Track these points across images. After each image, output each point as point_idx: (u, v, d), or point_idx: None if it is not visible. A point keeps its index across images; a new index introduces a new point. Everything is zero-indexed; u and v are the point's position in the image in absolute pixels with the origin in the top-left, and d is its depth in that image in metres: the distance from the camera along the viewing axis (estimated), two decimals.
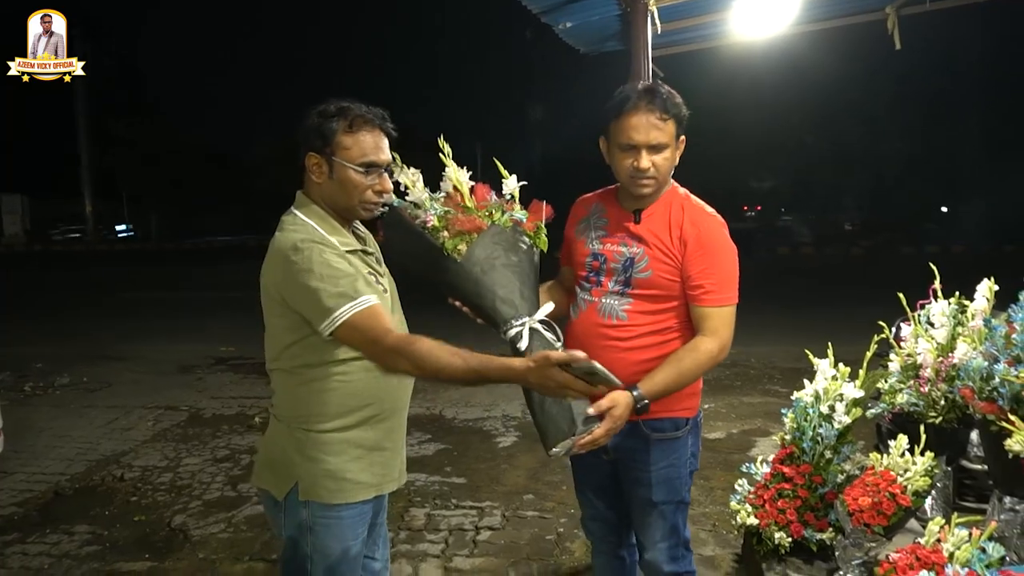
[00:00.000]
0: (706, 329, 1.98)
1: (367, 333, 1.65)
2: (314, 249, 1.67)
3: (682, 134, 1.99)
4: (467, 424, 5.47)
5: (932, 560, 1.94)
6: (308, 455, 1.77)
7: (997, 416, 2.26)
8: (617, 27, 5.08)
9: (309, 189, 1.82)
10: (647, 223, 2.04)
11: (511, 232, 1.94)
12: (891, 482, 2.31)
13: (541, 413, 1.84)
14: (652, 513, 2.09)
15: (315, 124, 1.74)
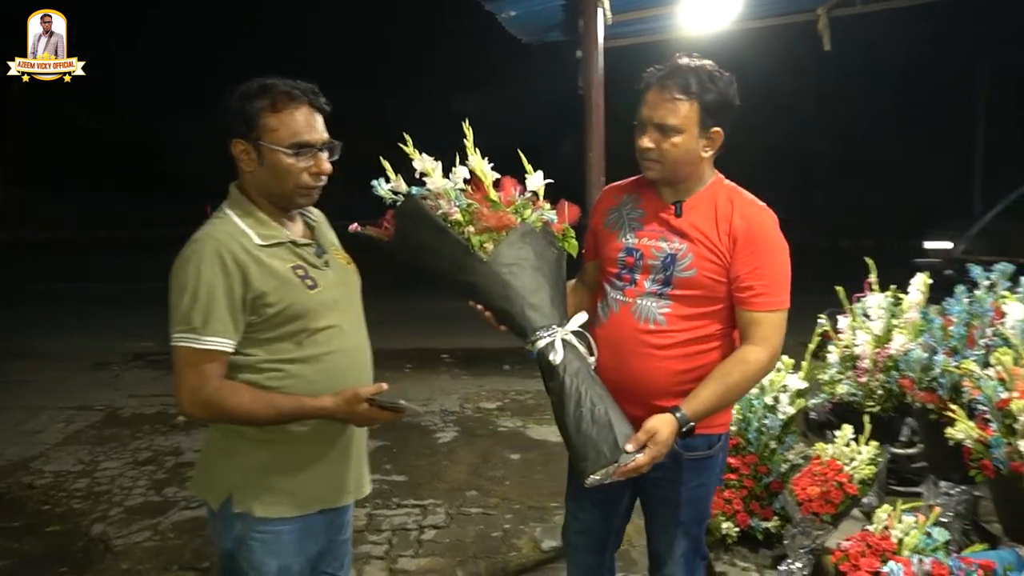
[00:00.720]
0: (755, 336, 1.75)
1: (182, 372, 1.54)
2: (203, 257, 1.54)
3: (716, 125, 1.76)
4: (405, 420, 5.33)
5: (883, 547, 1.99)
6: (243, 463, 1.64)
7: (937, 405, 2.35)
8: (560, 17, 5.03)
9: (242, 180, 1.67)
10: (690, 216, 1.82)
11: (541, 233, 1.78)
12: (838, 471, 2.37)
13: (577, 434, 1.65)
14: (676, 531, 1.94)
15: (237, 107, 1.58)
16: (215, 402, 1.55)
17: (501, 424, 5.20)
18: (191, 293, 1.52)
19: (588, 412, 1.64)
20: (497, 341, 7.79)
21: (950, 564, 1.51)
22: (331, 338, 1.66)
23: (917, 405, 2.42)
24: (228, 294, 1.54)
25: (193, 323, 1.52)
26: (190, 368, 1.54)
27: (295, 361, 1.62)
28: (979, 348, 2.24)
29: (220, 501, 1.66)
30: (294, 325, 1.61)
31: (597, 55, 3.12)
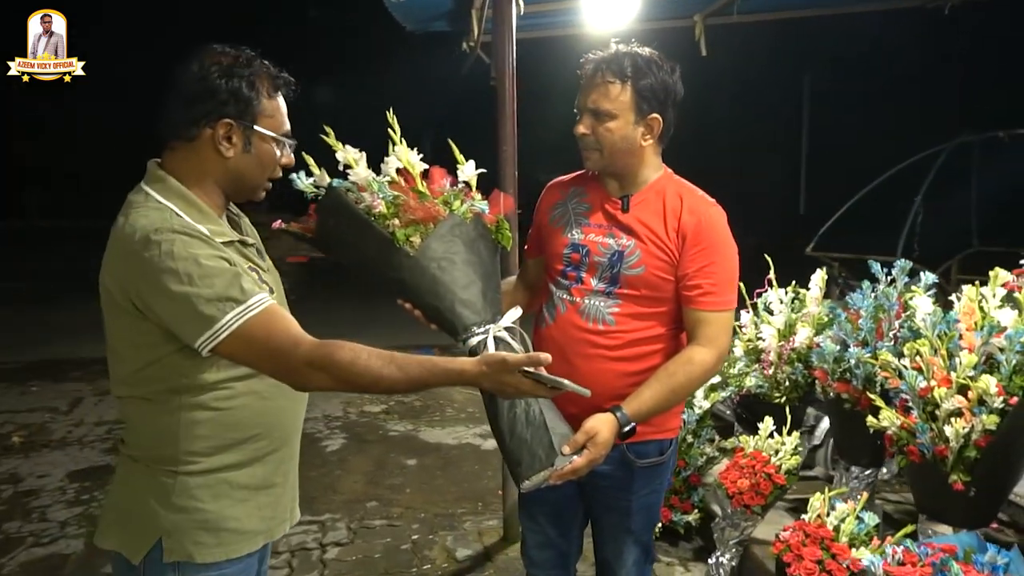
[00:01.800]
0: (702, 336, 1.70)
1: (268, 343, 1.29)
2: (175, 241, 1.28)
3: (654, 111, 1.70)
4: None
5: (820, 535, 2.06)
6: (176, 504, 1.37)
7: (851, 395, 2.48)
8: (448, 6, 4.89)
9: (189, 165, 1.39)
10: (637, 211, 1.75)
11: (472, 225, 1.64)
12: (765, 463, 2.44)
13: (511, 438, 1.55)
14: (627, 539, 1.87)
15: (234, 85, 1.35)
16: (326, 360, 1.28)
17: (391, 428, 4.98)
18: (200, 277, 1.26)
19: (522, 414, 1.56)
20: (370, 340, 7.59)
21: (918, 552, 1.57)
22: None
23: (831, 395, 2.55)
24: (230, 264, 1.31)
25: (230, 296, 1.27)
26: (261, 341, 1.28)
27: (245, 377, 1.38)
28: (888, 340, 2.39)
29: (145, 551, 1.37)
30: None
31: (510, 46, 3.01)
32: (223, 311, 1.27)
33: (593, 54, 1.74)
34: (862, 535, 2.04)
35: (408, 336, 7.45)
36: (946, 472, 1.95)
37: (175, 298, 1.26)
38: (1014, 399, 1.84)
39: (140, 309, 1.31)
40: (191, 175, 1.38)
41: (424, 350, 7.31)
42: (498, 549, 3.23)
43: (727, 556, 2.51)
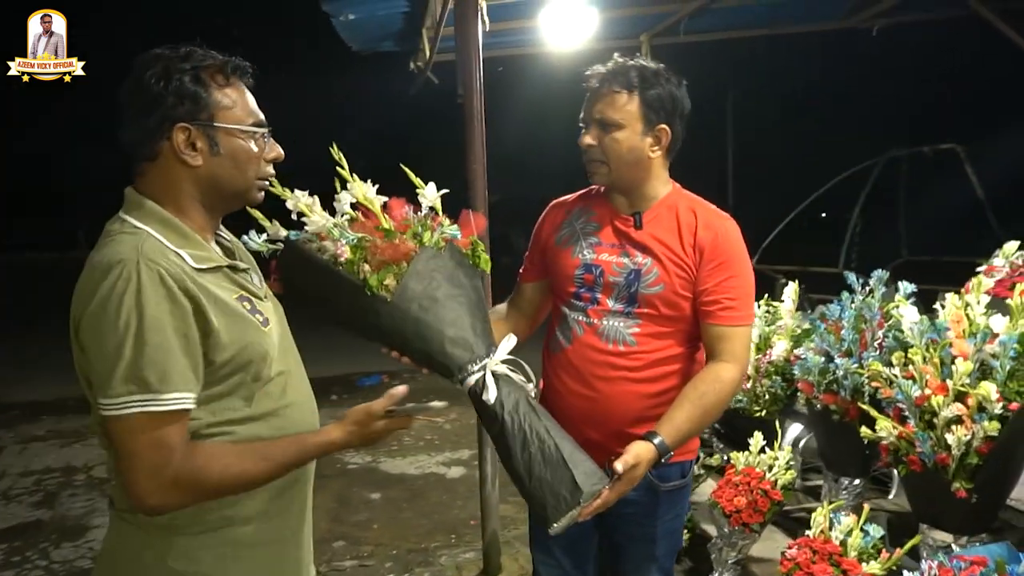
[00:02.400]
0: (725, 352, 1.64)
1: (146, 449, 1.13)
2: (132, 280, 1.11)
3: (661, 122, 1.65)
4: None
5: (828, 551, 2.03)
6: (174, 569, 1.23)
7: (839, 406, 2.49)
8: (399, 26, 4.82)
9: (161, 183, 1.24)
10: (651, 228, 1.70)
11: (448, 253, 1.52)
12: (760, 479, 2.41)
13: (530, 481, 1.44)
14: (651, 567, 1.81)
15: (176, 84, 1.19)
16: (191, 478, 1.15)
17: (349, 461, 4.77)
18: (135, 336, 1.10)
19: (538, 453, 1.45)
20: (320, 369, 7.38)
21: (951, 566, 1.55)
22: (284, 388, 1.31)
23: (818, 407, 2.55)
24: (183, 332, 1.14)
25: (146, 378, 1.11)
26: (146, 441, 1.12)
27: (245, 421, 1.24)
28: (872, 350, 2.41)
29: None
30: (245, 374, 1.23)
31: (477, 63, 2.95)
32: (125, 387, 1.11)
33: (598, 67, 1.69)
34: (869, 548, 2.03)
35: (361, 364, 7.30)
36: (948, 480, 1.96)
37: (103, 350, 1.12)
38: (1013, 404, 1.87)
39: (80, 345, 1.16)
40: (166, 196, 1.24)
41: (373, 378, 7.10)
42: None
43: (726, 575, 2.46)
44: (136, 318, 1.11)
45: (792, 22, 5.51)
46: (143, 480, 1.13)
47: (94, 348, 1.13)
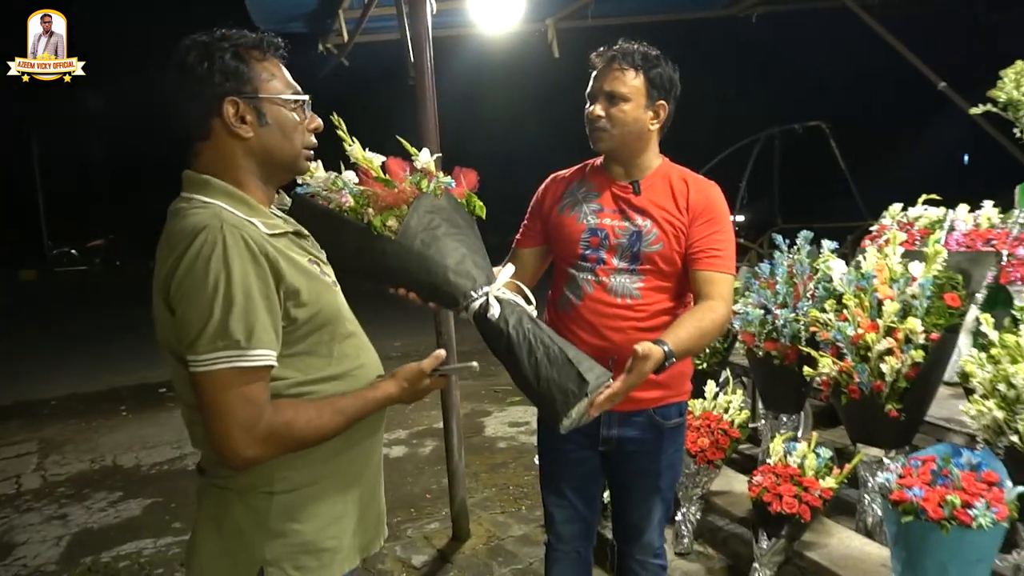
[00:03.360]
0: (714, 293, 1.81)
1: (238, 403, 1.18)
2: (218, 243, 1.17)
3: (662, 98, 1.86)
4: (162, 469, 4.53)
5: (789, 473, 2.36)
6: (275, 529, 1.29)
7: (780, 351, 2.83)
8: (312, 7, 4.75)
9: (219, 159, 1.30)
10: (648, 194, 1.89)
11: (444, 200, 1.66)
12: (718, 421, 2.71)
13: (539, 382, 1.56)
14: (656, 499, 2.00)
15: (222, 61, 1.25)
16: (282, 431, 1.21)
17: None
18: (224, 296, 1.15)
19: (543, 357, 1.58)
20: None
21: (911, 465, 1.88)
22: (357, 348, 1.39)
23: (760, 355, 2.89)
24: (265, 293, 1.20)
25: (234, 335, 1.16)
26: (236, 396, 1.17)
27: (329, 379, 1.32)
28: (805, 300, 2.77)
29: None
30: (324, 332, 1.31)
31: (427, 44, 3.02)
32: (215, 343, 1.16)
33: (604, 48, 1.86)
34: (823, 468, 2.37)
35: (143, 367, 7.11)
36: (882, 404, 2.33)
37: (196, 308, 1.17)
38: (934, 335, 2.26)
39: (171, 308, 1.20)
40: (224, 171, 1.29)
41: None
42: (452, 549, 3.24)
43: (692, 510, 2.76)
44: (224, 279, 1.16)
45: (685, 9, 5.95)
46: (238, 434, 1.18)
47: (184, 309, 1.17)
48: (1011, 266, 2.82)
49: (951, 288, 2.32)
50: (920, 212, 3.43)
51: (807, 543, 2.40)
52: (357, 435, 1.39)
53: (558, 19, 5.55)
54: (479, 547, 3.24)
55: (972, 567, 1.68)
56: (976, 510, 1.63)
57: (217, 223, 1.19)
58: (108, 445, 5.06)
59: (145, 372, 7.02)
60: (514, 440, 4.77)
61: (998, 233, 3.00)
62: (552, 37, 5.62)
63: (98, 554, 3.40)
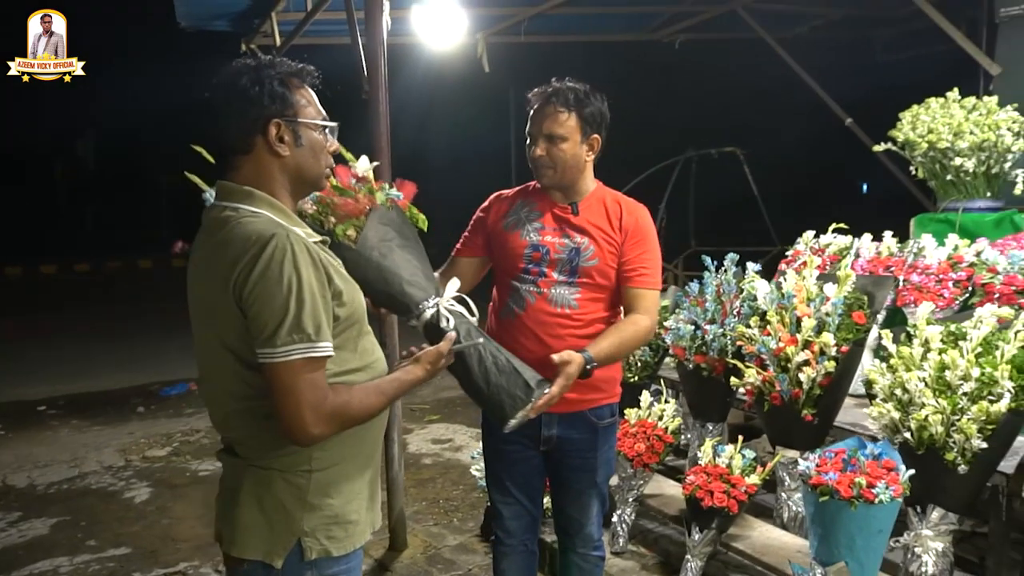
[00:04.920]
0: (642, 308, 2.18)
1: (307, 388, 1.42)
2: (287, 249, 1.40)
3: (594, 132, 2.18)
4: (61, 488, 4.51)
5: (719, 472, 2.79)
6: (312, 503, 1.53)
7: (708, 364, 3.29)
8: (242, 7, 4.92)
9: (258, 173, 1.53)
10: (586, 215, 2.21)
11: (395, 212, 1.92)
12: (653, 428, 3.13)
13: (488, 387, 1.87)
14: (593, 493, 2.31)
15: (270, 85, 1.49)
16: (342, 411, 1.47)
17: (199, 468, 4.81)
18: (296, 295, 1.40)
19: (492, 365, 1.90)
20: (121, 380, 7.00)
21: (825, 456, 2.33)
22: (372, 344, 1.67)
23: (690, 367, 3.33)
24: (323, 294, 1.45)
25: (307, 329, 1.40)
26: (306, 382, 1.41)
27: (355, 371, 1.58)
28: (732, 317, 3.23)
29: (285, 554, 1.51)
30: (353, 329, 1.57)
31: (382, 54, 3.29)
32: (291, 335, 1.39)
33: (539, 89, 2.22)
34: (748, 467, 2.82)
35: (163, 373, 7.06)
36: (799, 409, 2.81)
37: (268, 301, 1.39)
38: (844, 348, 2.75)
39: (242, 308, 1.41)
40: (263, 183, 1.53)
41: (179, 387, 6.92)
42: (390, 559, 3.49)
43: (628, 511, 3.15)
44: (296, 280, 1.40)
45: (611, 32, 6.49)
46: (308, 414, 1.41)
47: (260, 307, 1.40)
48: (906, 290, 3.41)
49: (858, 307, 2.83)
50: (830, 239, 4.02)
51: (733, 535, 2.84)
52: (377, 420, 1.66)
53: (489, 34, 5.95)
54: (417, 556, 3.51)
55: (875, 537, 2.15)
56: (878, 489, 2.10)
57: (283, 232, 1.42)
58: None
59: (21, 389, 6.80)
60: (439, 456, 5.04)
61: (896, 261, 3.59)
62: (482, 51, 6.02)
63: (7, 574, 3.42)
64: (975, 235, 3.46)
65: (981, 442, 2.24)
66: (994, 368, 2.28)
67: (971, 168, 3.66)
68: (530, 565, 2.44)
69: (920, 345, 2.50)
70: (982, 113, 3.65)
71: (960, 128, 3.63)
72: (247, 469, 1.54)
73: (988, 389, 2.29)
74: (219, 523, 1.61)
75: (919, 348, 2.49)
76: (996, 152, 3.61)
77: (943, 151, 3.68)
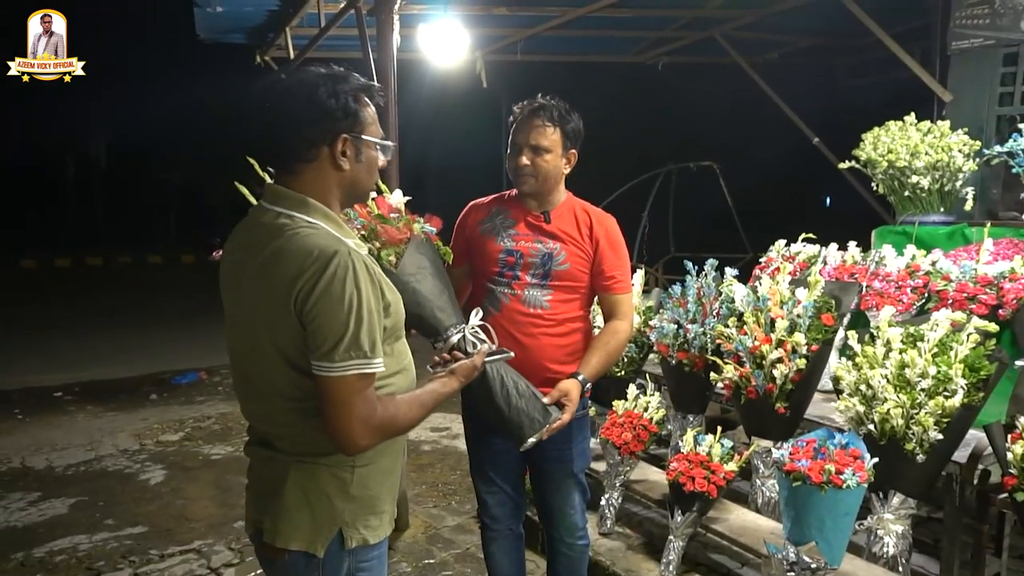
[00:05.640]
0: (620, 314, 2.28)
1: (359, 403, 1.40)
2: (357, 271, 1.38)
3: (572, 147, 2.24)
4: (79, 470, 4.50)
5: (699, 459, 2.86)
6: (353, 495, 1.52)
7: (690, 360, 3.36)
8: (260, 20, 4.95)
9: (315, 183, 1.48)
10: (557, 223, 2.25)
11: (428, 243, 2.04)
12: (639, 418, 3.19)
13: (510, 410, 1.97)
14: (571, 483, 2.35)
15: (343, 101, 1.45)
16: (389, 423, 1.47)
17: (211, 452, 4.81)
18: (356, 313, 1.37)
19: (513, 389, 2.01)
20: (136, 368, 6.97)
21: (797, 444, 2.40)
22: (404, 347, 1.66)
23: (673, 363, 3.40)
24: (377, 310, 1.43)
25: (363, 346, 1.38)
26: (360, 396, 1.40)
27: (395, 374, 1.58)
28: (712, 317, 3.30)
29: (327, 542, 1.50)
30: (394, 336, 1.56)
31: (392, 69, 3.34)
32: (349, 352, 1.37)
33: (524, 104, 2.27)
34: (726, 455, 2.89)
35: (176, 362, 7.04)
36: (772, 403, 2.88)
37: (334, 322, 1.36)
38: (814, 347, 2.83)
39: (302, 319, 1.39)
40: (320, 193, 1.49)
41: (189, 375, 6.91)
42: (393, 538, 3.48)
43: (615, 496, 3.21)
44: (357, 299, 1.37)
45: (600, 53, 6.57)
46: (358, 426, 1.40)
47: (321, 323, 1.36)
48: (868, 295, 3.49)
49: (827, 310, 2.91)
50: (800, 248, 4.11)
51: (712, 518, 2.90)
52: None
53: (487, 52, 6.01)
54: (418, 535, 3.56)
55: (842, 519, 2.22)
56: (846, 475, 2.17)
57: (345, 249, 1.39)
58: (11, 447, 4.92)
59: (37, 375, 6.76)
60: (437, 444, 5.09)
61: (860, 268, 3.68)
62: (480, 68, 6.07)
63: (29, 550, 3.43)
64: (930, 246, 3.57)
65: (937, 434, 2.32)
66: (949, 367, 2.36)
67: (926, 185, 3.76)
68: (517, 547, 2.51)
69: (883, 345, 2.58)
70: (936, 136, 3.76)
71: (917, 149, 3.74)
72: (291, 463, 1.51)
73: (943, 386, 2.38)
74: (255, 514, 1.58)
75: (881, 348, 2.57)
76: (949, 171, 3.72)
77: (901, 169, 3.78)
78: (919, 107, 4.00)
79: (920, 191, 3.81)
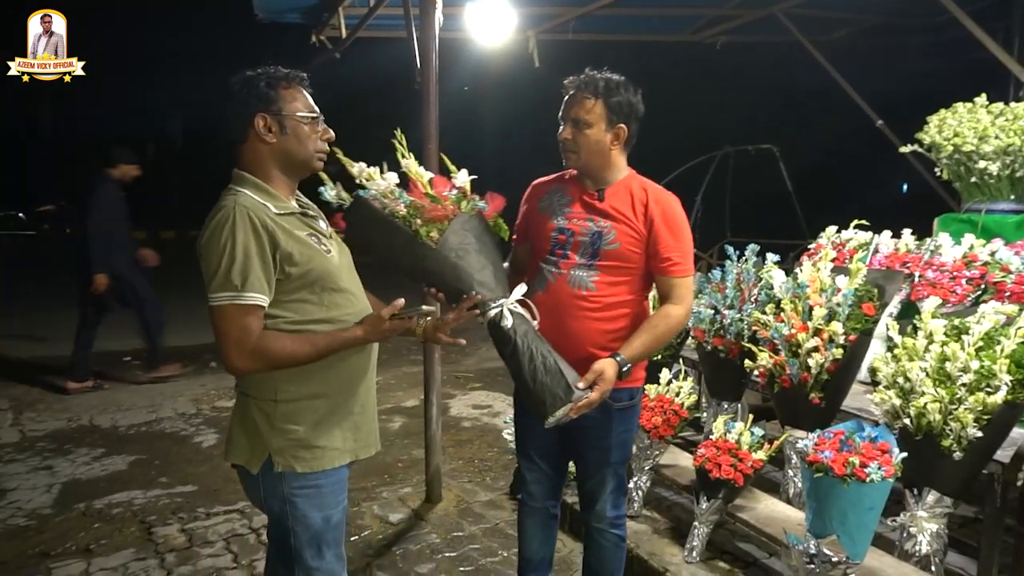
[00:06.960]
0: (675, 297, 2.16)
1: (233, 329, 1.66)
2: (230, 217, 1.65)
3: (620, 122, 2.13)
4: (140, 431, 4.75)
5: (728, 447, 2.80)
6: (278, 427, 1.75)
7: (726, 346, 3.28)
8: (313, 1, 5.02)
9: (252, 158, 1.78)
10: (611, 200, 2.17)
11: (477, 220, 2.04)
12: (671, 403, 3.15)
13: (534, 384, 1.96)
14: (606, 471, 2.28)
15: (258, 88, 1.74)
16: (261, 350, 1.66)
17: None
18: (228, 255, 1.63)
19: (541, 364, 1.98)
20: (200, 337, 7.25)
21: (824, 435, 2.32)
22: (349, 301, 1.82)
23: (709, 348, 3.33)
24: (261, 255, 1.66)
25: (234, 281, 1.63)
26: (233, 325, 1.65)
27: (321, 322, 1.75)
28: (749, 303, 3.22)
29: (260, 464, 1.76)
30: (316, 286, 1.75)
31: (434, 48, 3.34)
32: (220, 288, 1.65)
33: (575, 77, 2.19)
34: (755, 443, 2.82)
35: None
36: (807, 392, 2.79)
37: (211, 262, 1.66)
38: (852, 336, 2.73)
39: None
40: (256, 167, 1.78)
41: None
42: (426, 509, 3.59)
43: (644, 479, 3.19)
44: (231, 243, 1.64)
45: (655, 32, 6.41)
46: (232, 349, 1.66)
47: (204, 263, 1.67)
48: (920, 286, 3.34)
49: (868, 299, 2.79)
50: (851, 235, 3.95)
51: (740, 506, 2.85)
52: (347, 360, 1.82)
53: (539, 31, 5.94)
54: (450, 509, 3.61)
55: (865, 514, 2.14)
56: (870, 469, 2.09)
57: (232, 205, 1.67)
58: (82, 407, 5.22)
59: (108, 341, 7.11)
60: (478, 420, 5.14)
61: (913, 257, 3.51)
62: (533, 48, 6.01)
63: (90, 501, 3.64)
64: (997, 236, 3.36)
65: (976, 431, 2.21)
66: (993, 361, 2.24)
67: (995, 171, 3.54)
68: (551, 526, 2.47)
69: (924, 337, 2.46)
70: (1008, 119, 3.53)
71: (985, 132, 3.52)
72: (238, 396, 1.84)
73: (986, 381, 2.25)
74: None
75: (923, 340, 2.46)
76: (1021, 156, 3.49)
77: (968, 154, 3.58)
78: (994, 89, 3.76)
79: (988, 177, 3.58)
